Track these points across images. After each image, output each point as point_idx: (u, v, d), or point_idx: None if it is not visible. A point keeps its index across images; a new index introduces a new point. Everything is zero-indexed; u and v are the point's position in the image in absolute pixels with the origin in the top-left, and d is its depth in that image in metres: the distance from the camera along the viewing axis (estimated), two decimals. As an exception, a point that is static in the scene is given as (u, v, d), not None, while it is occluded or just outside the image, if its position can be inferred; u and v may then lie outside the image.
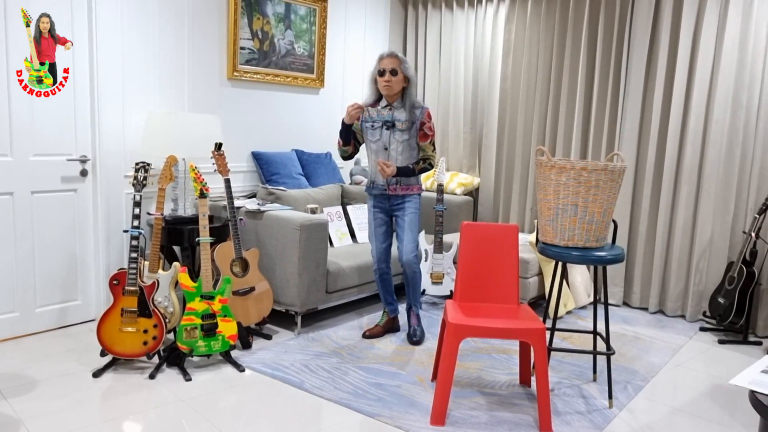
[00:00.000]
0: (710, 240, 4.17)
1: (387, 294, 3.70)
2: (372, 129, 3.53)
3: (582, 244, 2.78)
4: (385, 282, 3.68)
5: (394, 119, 3.47)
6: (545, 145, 4.83)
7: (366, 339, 3.63)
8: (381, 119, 3.50)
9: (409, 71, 3.44)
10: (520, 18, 4.89)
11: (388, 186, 3.53)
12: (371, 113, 3.54)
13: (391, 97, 3.48)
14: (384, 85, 3.42)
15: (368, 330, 3.68)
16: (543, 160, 2.80)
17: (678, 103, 4.20)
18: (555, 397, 2.95)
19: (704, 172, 4.15)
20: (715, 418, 2.82)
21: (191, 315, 3.04)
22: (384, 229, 3.62)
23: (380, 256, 3.62)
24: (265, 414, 2.67)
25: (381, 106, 3.51)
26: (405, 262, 3.53)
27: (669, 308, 4.35)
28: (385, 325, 3.73)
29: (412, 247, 3.53)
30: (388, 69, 3.40)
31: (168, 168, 3.28)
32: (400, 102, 3.48)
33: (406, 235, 3.54)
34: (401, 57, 3.44)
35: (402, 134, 3.47)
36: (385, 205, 3.60)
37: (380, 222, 3.61)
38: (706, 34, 4.06)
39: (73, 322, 3.67)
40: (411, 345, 3.57)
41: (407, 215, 3.54)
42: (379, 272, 3.65)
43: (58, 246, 3.54)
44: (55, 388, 2.82)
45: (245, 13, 4.22)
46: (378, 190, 3.56)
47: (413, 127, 3.48)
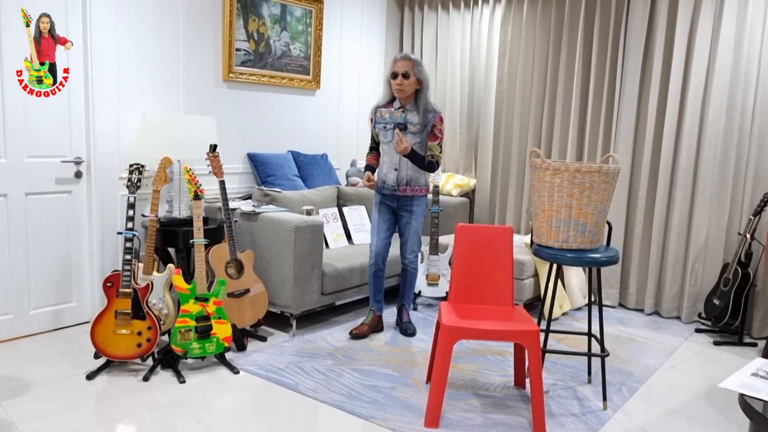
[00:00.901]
0: (705, 241, 4.17)
1: (377, 291, 3.73)
2: (384, 130, 3.57)
3: (576, 245, 2.78)
4: (378, 279, 3.71)
5: (406, 121, 3.50)
6: (541, 147, 4.83)
7: (353, 338, 3.65)
8: (393, 121, 3.53)
9: (423, 74, 3.47)
10: (515, 20, 4.89)
11: (398, 187, 3.58)
12: (384, 114, 3.57)
13: (403, 100, 3.51)
14: (396, 88, 3.45)
15: (355, 329, 3.68)
16: (537, 162, 2.80)
17: (673, 104, 4.20)
18: (549, 399, 2.95)
19: (699, 174, 4.15)
20: (710, 420, 2.82)
21: (185, 317, 3.03)
22: (387, 226, 3.66)
23: (379, 252, 3.65)
24: (260, 416, 2.66)
25: (394, 107, 3.55)
26: (407, 260, 3.68)
27: (664, 310, 4.35)
28: (372, 322, 3.74)
29: (416, 248, 3.67)
30: (401, 72, 3.43)
31: (162, 170, 3.27)
32: (413, 104, 3.51)
33: (411, 237, 3.65)
34: (415, 59, 3.45)
35: (414, 137, 3.50)
36: (393, 204, 3.66)
37: (385, 218, 3.66)
38: (701, 36, 4.07)
39: (68, 324, 3.66)
40: (406, 336, 3.70)
41: (414, 219, 3.63)
42: (374, 267, 3.68)
43: (52, 248, 3.53)
44: (49, 391, 2.81)
45: (241, 15, 4.22)
46: (388, 191, 3.61)
47: (425, 131, 3.52)
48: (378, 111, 3.61)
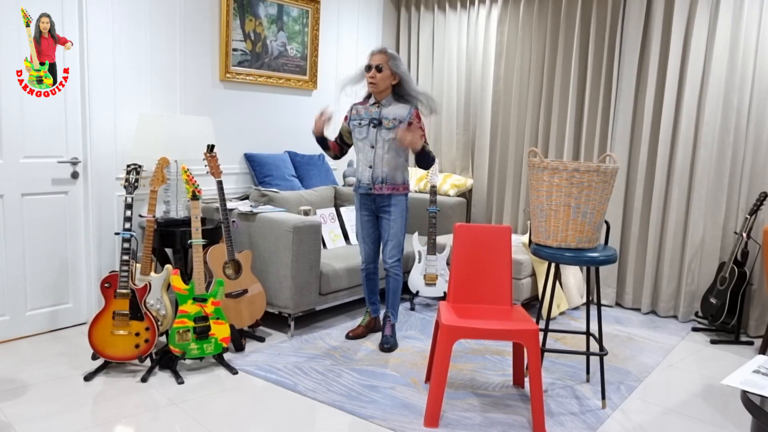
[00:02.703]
0: (702, 240, 4.19)
1: (371, 294, 3.70)
2: (359, 126, 3.46)
3: (575, 245, 2.79)
4: (371, 282, 3.68)
5: (381, 117, 3.39)
6: (538, 147, 4.84)
7: (349, 339, 3.64)
8: (368, 117, 3.43)
9: (400, 68, 3.34)
10: (512, 20, 4.90)
11: (374, 185, 3.43)
12: (359, 111, 3.48)
13: (378, 94, 3.40)
14: (369, 81, 3.35)
15: (351, 331, 3.68)
16: (536, 161, 2.80)
17: (669, 104, 4.22)
18: (548, 398, 2.95)
19: (696, 173, 4.17)
20: (708, 418, 2.83)
21: (183, 318, 3.02)
22: (371, 231, 3.57)
23: (368, 256, 3.61)
24: (258, 417, 2.66)
25: (370, 103, 3.45)
26: (387, 266, 3.50)
27: (661, 309, 4.36)
28: (368, 324, 3.72)
29: (396, 252, 3.48)
30: (374, 65, 3.33)
31: (160, 170, 3.26)
32: (389, 99, 3.41)
33: (390, 239, 3.47)
34: (391, 53, 3.33)
35: (389, 132, 3.38)
36: (371, 206, 3.52)
37: (367, 223, 3.55)
38: (697, 36, 4.08)
39: (65, 325, 3.64)
40: (382, 351, 3.46)
41: (393, 219, 3.45)
42: (366, 272, 3.65)
43: (48, 249, 3.52)
44: (46, 392, 2.79)
45: (237, 15, 4.21)
46: (364, 189, 3.48)
47: (400, 126, 3.36)
48: (354, 108, 3.51)
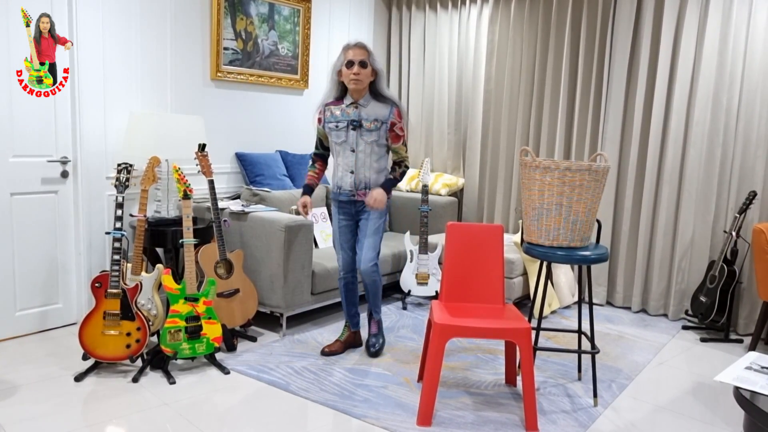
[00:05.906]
0: (692, 239, 4.21)
1: (350, 305, 3.45)
2: (336, 129, 3.21)
3: (567, 243, 2.80)
4: (349, 292, 3.43)
5: (360, 118, 3.16)
6: (529, 146, 4.85)
7: (324, 356, 3.34)
8: (346, 119, 3.18)
9: (378, 64, 3.15)
10: (503, 19, 4.91)
11: (357, 191, 3.23)
12: (334, 112, 3.22)
13: (357, 93, 3.15)
14: (352, 79, 3.08)
15: (327, 346, 3.38)
16: (528, 160, 2.81)
17: (659, 104, 4.24)
18: (540, 396, 2.96)
19: (685, 173, 4.20)
20: (698, 415, 2.85)
21: (175, 317, 3.01)
22: (349, 237, 3.35)
23: (346, 266, 3.39)
24: (251, 417, 2.65)
25: (345, 104, 3.20)
26: (363, 271, 3.26)
27: (651, 307, 4.39)
28: (346, 340, 3.44)
29: (373, 255, 3.25)
30: (357, 60, 3.07)
31: (151, 169, 3.24)
32: (367, 99, 3.18)
33: (367, 241, 3.25)
34: (369, 47, 3.13)
35: (370, 134, 3.16)
36: (351, 211, 3.32)
37: (346, 230, 3.34)
38: (686, 37, 4.11)
39: (54, 325, 3.61)
40: (369, 356, 3.36)
41: (371, 221, 3.25)
42: (344, 281, 3.41)
43: (38, 249, 3.49)
44: (37, 393, 2.77)
45: (228, 14, 4.19)
46: (345, 196, 3.27)
47: (383, 127, 3.18)
48: (327, 109, 3.24)
